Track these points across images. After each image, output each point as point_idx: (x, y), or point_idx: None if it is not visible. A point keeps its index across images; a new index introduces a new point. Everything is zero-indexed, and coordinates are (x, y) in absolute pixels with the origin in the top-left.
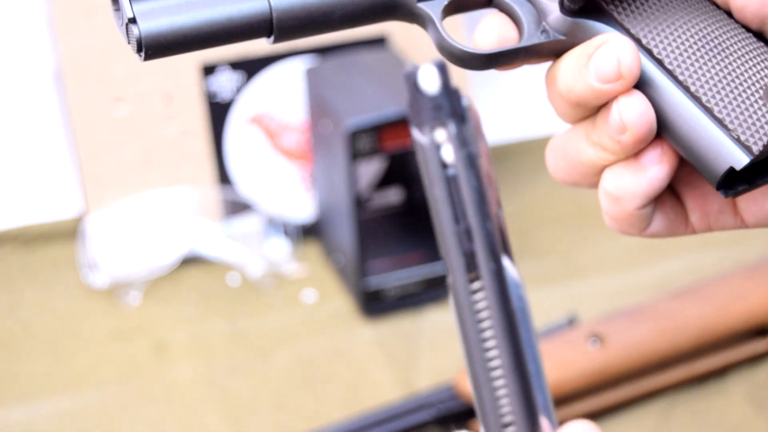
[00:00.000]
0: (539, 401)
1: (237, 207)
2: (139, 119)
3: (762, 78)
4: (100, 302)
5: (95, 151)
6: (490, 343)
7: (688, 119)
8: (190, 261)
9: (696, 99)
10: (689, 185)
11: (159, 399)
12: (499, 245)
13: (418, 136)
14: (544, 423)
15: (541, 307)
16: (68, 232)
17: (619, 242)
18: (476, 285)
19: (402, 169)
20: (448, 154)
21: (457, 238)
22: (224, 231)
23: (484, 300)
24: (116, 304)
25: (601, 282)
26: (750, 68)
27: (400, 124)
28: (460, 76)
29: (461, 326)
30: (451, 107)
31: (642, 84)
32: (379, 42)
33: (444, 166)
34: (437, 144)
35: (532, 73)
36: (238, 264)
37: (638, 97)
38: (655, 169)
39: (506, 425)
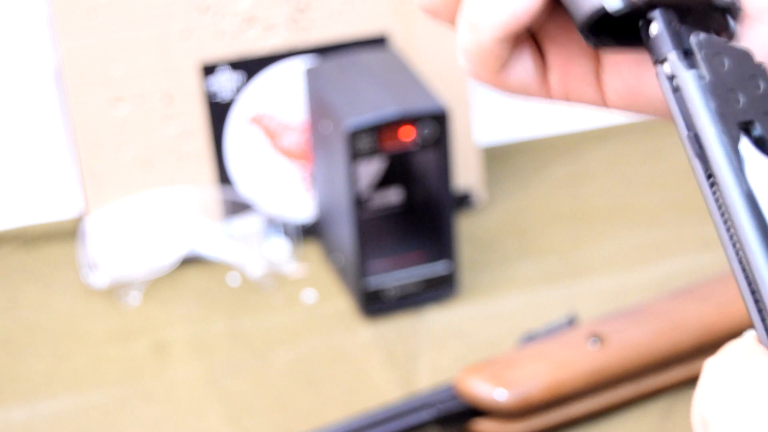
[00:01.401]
0: None
1: (237, 207)
2: (139, 119)
3: None
4: (100, 302)
5: (95, 151)
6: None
7: None
8: (190, 261)
9: None
10: (555, 42)
11: (159, 399)
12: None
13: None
14: None
15: (541, 307)
16: (68, 232)
17: (619, 242)
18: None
19: (402, 169)
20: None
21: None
22: (224, 231)
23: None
24: (116, 304)
25: (601, 282)
26: None
27: (400, 124)
28: (460, 75)
29: (716, 221)
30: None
31: None
32: (379, 42)
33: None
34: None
35: None
36: (238, 264)
37: None
38: None
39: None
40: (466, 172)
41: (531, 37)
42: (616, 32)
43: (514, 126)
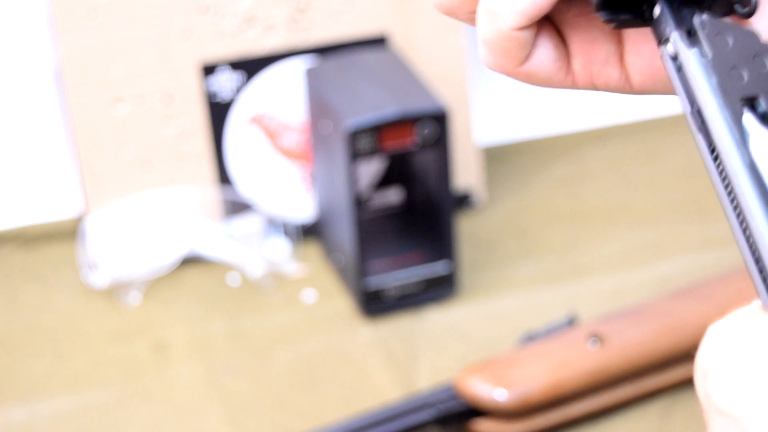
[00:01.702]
0: None
1: (237, 207)
2: (139, 119)
3: None
4: (100, 302)
5: (95, 151)
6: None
7: None
8: (190, 261)
9: None
10: (577, 28)
11: (159, 399)
12: None
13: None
14: None
15: (541, 307)
16: (68, 232)
17: (619, 242)
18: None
19: (402, 169)
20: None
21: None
22: (224, 231)
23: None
24: (116, 304)
25: (601, 282)
26: None
27: (400, 124)
28: (460, 75)
29: (719, 194)
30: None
31: None
32: (379, 42)
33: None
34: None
35: None
36: (238, 264)
37: None
38: None
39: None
40: (466, 172)
41: (551, 25)
42: (632, 7)
43: (514, 126)
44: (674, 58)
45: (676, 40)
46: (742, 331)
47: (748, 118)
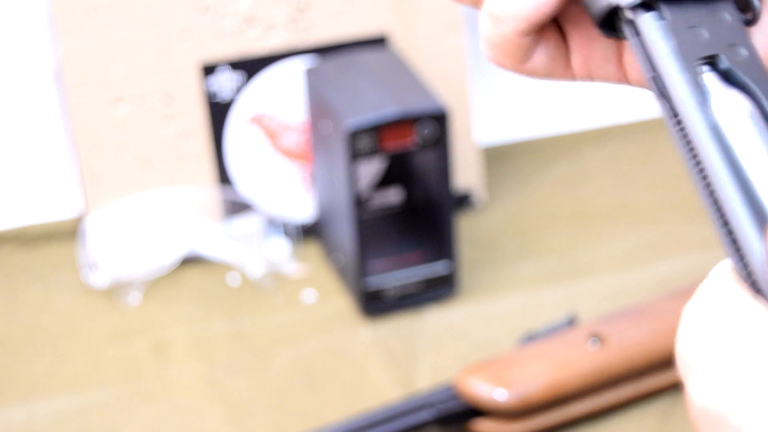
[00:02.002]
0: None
1: (237, 207)
2: (139, 119)
3: None
4: (100, 302)
5: (95, 151)
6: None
7: None
8: (190, 261)
9: None
10: (576, 25)
11: (159, 399)
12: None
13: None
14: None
15: (541, 307)
16: (68, 232)
17: (619, 242)
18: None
19: (402, 169)
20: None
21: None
22: (224, 231)
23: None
24: (116, 304)
25: (601, 282)
26: None
27: (400, 124)
28: (460, 75)
29: (684, 159)
30: None
31: None
32: (379, 42)
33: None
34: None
35: None
36: (238, 264)
37: None
38: None
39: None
40: (466, 172)
41: (552, 22)
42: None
43: (514, 126)
44: (632, 22)
45: (632, 4)
46: (719, 312)
47: (710, 77)
